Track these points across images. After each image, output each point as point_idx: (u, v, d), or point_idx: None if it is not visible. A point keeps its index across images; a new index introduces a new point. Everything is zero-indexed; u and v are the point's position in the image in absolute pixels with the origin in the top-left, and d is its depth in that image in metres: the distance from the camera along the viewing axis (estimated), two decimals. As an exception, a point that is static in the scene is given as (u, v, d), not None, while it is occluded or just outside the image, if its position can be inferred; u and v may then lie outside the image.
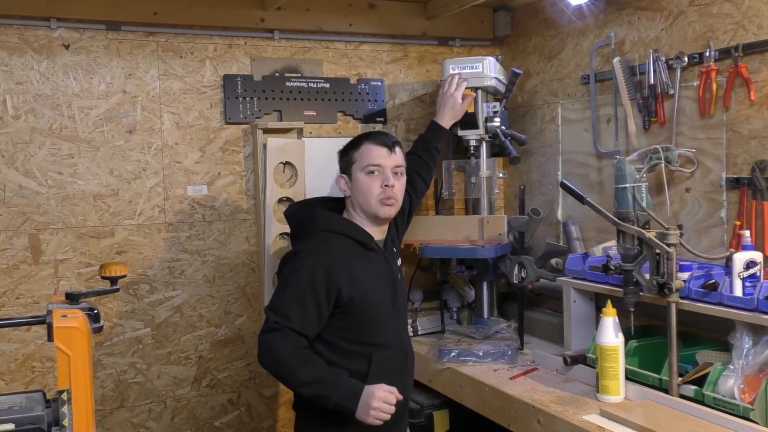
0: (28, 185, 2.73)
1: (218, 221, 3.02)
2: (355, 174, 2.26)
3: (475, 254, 2.90)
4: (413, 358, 2.39)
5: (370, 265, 2.23)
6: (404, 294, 2.43)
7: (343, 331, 2.19)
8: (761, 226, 2.24)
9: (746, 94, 2.27)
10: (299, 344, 2.11)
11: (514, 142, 2.98)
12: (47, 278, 2.76)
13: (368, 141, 2.27)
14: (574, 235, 2.96)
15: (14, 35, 2.69)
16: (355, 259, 2.20)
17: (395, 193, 2.25)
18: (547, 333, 2.99)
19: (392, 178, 2.24)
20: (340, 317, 2.17)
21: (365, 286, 2.19)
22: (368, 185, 2.23)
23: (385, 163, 2.24)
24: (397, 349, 2.28)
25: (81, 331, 1.83)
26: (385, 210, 2.24)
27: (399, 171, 2.29)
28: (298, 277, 2.14)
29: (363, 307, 2.18)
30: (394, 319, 2.29)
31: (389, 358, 2.24)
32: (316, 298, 2.12)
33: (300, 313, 2.12)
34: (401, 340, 2.31)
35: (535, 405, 2.23)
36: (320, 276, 2.12)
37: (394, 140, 2.31)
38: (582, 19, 2.95)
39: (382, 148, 2.25)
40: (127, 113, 2.86)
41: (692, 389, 2.10)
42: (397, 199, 2.27)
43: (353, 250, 2.22)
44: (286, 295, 2.16)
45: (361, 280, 2.18)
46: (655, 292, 2.17)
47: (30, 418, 1.76)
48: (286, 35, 3.10)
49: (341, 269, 2.15)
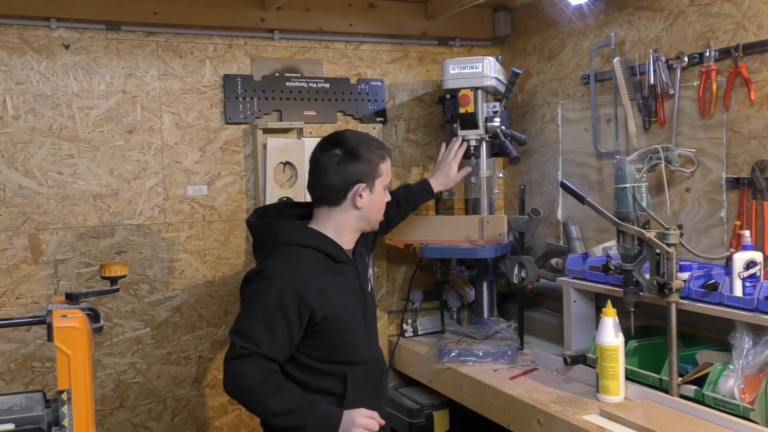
0: (28, 185, 2.73)
1: (218, 221, 3.02)
2: (378, 188, 2.14)
3: (475, 254, 2.90)
4: (387, 372, 2.32)
5: (341, 279, 2.10)
6: (374, 306, 2.31)
7: (315, 350, 2.05)
8: (761, 226, 2.24)
9: (746, 94, 2.27)
10: (270, 370, 1.97)
11: (514, 142, 2.99)
12: (47, 278, 2.76)
13: (387, 155, 2.18)
14: (574, 235, 2.96)
15: (14, 35, 2.69)
16: (325, 274, 2.05)
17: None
18: (547, 333, 2.99)
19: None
20: (312, 337, 2.03)
21: (337, 303, 2.05)
22: (382, 201, 2.20)
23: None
24: (372, 364, 2.17)
25: (81, 331, 1.84)
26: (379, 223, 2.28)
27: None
28: (265, 298, 1.98)
29: (336, 326, 2.05)
30: (366, 333, 2.18)
31: (365, 374, 2.13)
32: (286, 320, 1.97)
33: (269, 338, 1.96)
34: (375, 355, 2.20)
35: (535, 405, 2.23)
36: (290, 297, 1.97)
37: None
38: (582, 19, 2.95)
39: (390, 166, 2.24)
40: (127, 113, 2.86)
41: (692, 389, 2.10)
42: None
43: (323, 264, 2.06)
44: (253, 318, 1.99)
45: (332, 297, 2.04)
46: (655, 292, 2.17)
47: (30, 418, 1.76)
48: (286, 35, 3.10)
49: (312, 287, 2.00)
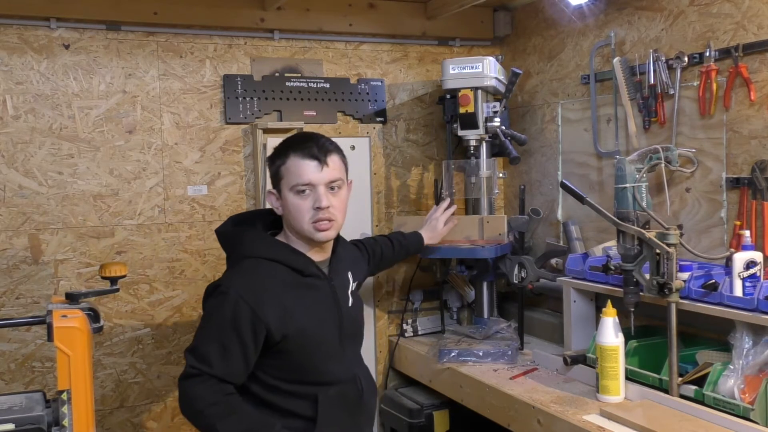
0: (28, 185, 2.73)
1: (218, 221, 3.01)
2: (284, 192, 1.92)
3: (475, 254, 2.90)
4: (373, 391, 2.13)
5: (309, 294, 1.94)
6: (356, 322, 2.10)
7: (280, 370, 1.91)
8: (761, 226, 2.23)
9: (746, 94, 2.27)
10: (221, 392, 1.84)
11: (514, 142, 2.98)
12: (47, 278, 2.76)
13: (295, 153, 1.90)
14: (574, 235, 2.96)
15: (14, 35, 2.69)
16: (288, 289, 1.91)
17: (332, 213, 1.92)
18: (547, 333, 2.99)
19: (325, 198, 1.90)
20: (274, 356, 1.90)
21: (302, 320, 1.90)
22: (298, 207, 1.90)
23: (316, 179, 1.89)
24: (349, 384, 1.99)
25: (81, 331, 1.84)
26: (321, 235, 1.93)
27: (336, 185, 1.93)
28: (219, 315, 1.87)
29: (300, 344, 1.90)
30: (342, 351, 2.00)
31: (340, 395, 1.96)
32: (240, 340, 1.84)
33: (222, 358, 1.84)
34: (353, 374, 2.02)
35: (535, 405, 2.23)
36: (245, 314, 1.84)
37: (327, 148, 1.93)
38: (582, 19, 2.95)
39: (311, 162, 1.89)
40: (127, 113, 2.86)
41: (692, 389, 2.10)
42: (335, 219, 1.94)
43: (287, 278, 1.92)
44: (206, 335, 1.88)
45: (295, 313, 1.89)
46: (655, 292, 2.17)
47: (30, 418, 1.76)
48: (286, 35, 3.10)
49: (270, 305, 1.86)
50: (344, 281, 2.09)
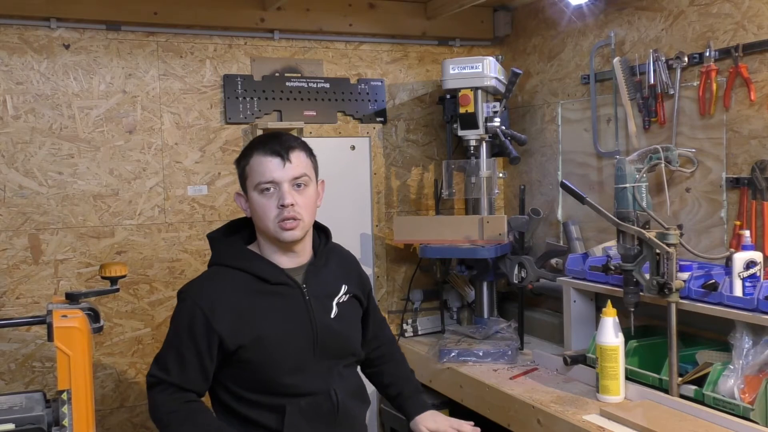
0: (28, 185, 2.73)
1: (218, 221, 3.01)
2: (250, 192, 1.88)
3: (475, 254, 2.90)
4: (359, 405, 2.00)
5: (275, 302, 1.87)
6: (339, 335, 1.94)
7: (244, 381, 1.86)
8: (761, 226, 2.24)
9: (746, 94, 2.27)
10: (180, 399, 1.83)
11: (514, 142, 2.99)
12: (47, 278, 2.76)
13: (258, 151, 1.85)
14: (574, 235, 2.96)
15: (14, 35, 2.69)
16: (249, 298, 1.85)
17: (297, 211, 1.83)
18: (547, 333, 2.99)
19: (289, 195, 1.82)
20: (235, 366, 1.85)
21: (261, 330, 1.83)
22: (263, 206, 1.84)
23: (280, 176, 1.82)
24: (322, 397, 1.88)
25: (81, 331, 1.83)
26: (287, 234, 1.84)
27: (301, 181, 1.85)
28: (177, 322, 1.86)
29: (260, 353, 1.83)
30: (316, 364, 1.89)
31: (312, 408, 1.86)
32: (196, 348, 1.82)
33: (179, 366, 1.83)
34: (328, 387, 1.89)
35: (535, 405, 2.23)
36: (199, 322, 1.81)
37: (290, 144, 1.86)
38: (582, 19, 2.95)
39: (273, 159, 1.83)
40: (127, 113, 2.86)
41: (692, 389, 2.10)
42: (301, 218, 1.85)
43: (251, 286, 1.86)
44: (166, 342, 1.88)
45: (254, 323, 1.83)
46: (655, 292, 2.17)
47: (30, 418, 1.76)
48: (286, 35, 3.10)
49: (224, 314, 1.82)
50: (327, 289, 1.96)
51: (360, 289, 2.07)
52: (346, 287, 2.00)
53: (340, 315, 1.95)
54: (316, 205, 1.93)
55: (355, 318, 2.05)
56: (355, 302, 2.04)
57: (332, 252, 2.05)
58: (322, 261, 1.98)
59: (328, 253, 2.02)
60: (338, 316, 1.95)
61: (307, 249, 1.96)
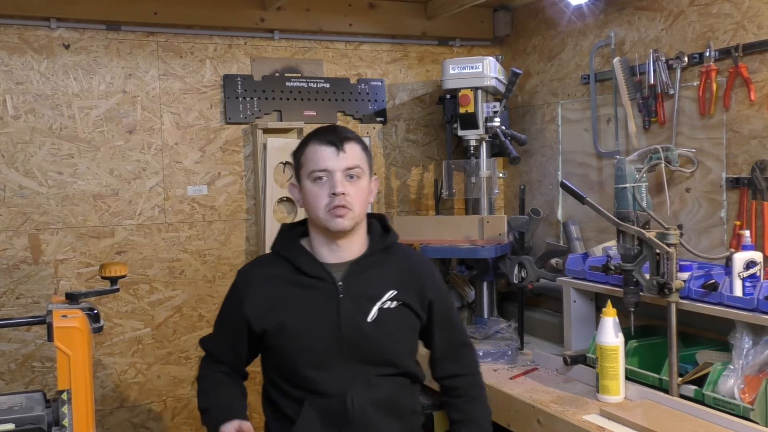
0: (28, 185, 2.73)
1: (218, 221, 3.02)
2: (303, 181, 1.87)
3: (475, 254, 2.90)
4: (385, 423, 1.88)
5: (307, 295, 1.87)
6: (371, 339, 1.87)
7: (274, 367, 1.90)
8: (761, 226, 2.23)
9: (746, 94, 2.27)
10: (215, 368, 1.95)
11: (514, 142, 2.99)
12: (47, 278, 2.76)
13: (313, 140, 1.87)
14: (574, 235, 2.96)
15: (14, 35, 2.69)
16: (282, 286, 1.88)
17: (348, 201, 1.82)
18: (547, 333, 2.99)
19: (340, 184, 1.81)
20: (268, 351, 1.90)
21: (287, 319, 1.85)
22: (315, 194, 1.84)
23: (333, 165, 1.82)
24: (337, 400, 1.83)
25: (81, 331, 1.83)
26: (336, 222, 1.82)
27: (354, 173, 1.84)
28: (226, 297, 1.97)
29: (284, 341, 1.85)
30: (339, 363, 1.85)
31: (326, 409, 1.84)
32: (230, 325, 1.93)
33: (217, 339, 1.97)
34: (345, 391, 1.83)
35: (535, 405, 2.23)
36: (235, 302, 1.91)
37: (345, 136, 1.86)
38: (582, 19, 2.95)
39: (328, 148, 1.83)
40: (127, 113, 2.86)
41: (692, 389, 2.10)
42: (351, 208, 1.83)
43: (287, 276, 1.88)
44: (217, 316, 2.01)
45: (282, 311, 1.85)
46: (655, 292, 2.17)
47: (30, 418, 1.76)
48: (286, 35, 3.10)
49: (256, 298, 1.87)
50: (369, 291, 1.89)
51: (417, 299, 1.93)
52: (394, 293, 1.89)
53: (379, 320, 1.87)
54: (367, 199, 1.90)
55: (403, 328, 1.93)
56: (406, 311, 1.91)
57: (393, 255, 1.96)
58: (371, 261, 1.91)
59: (383, 255, 1.94)
60: (377, 320, 1.87)
61: (355, 246, 1.91)
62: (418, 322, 1.94)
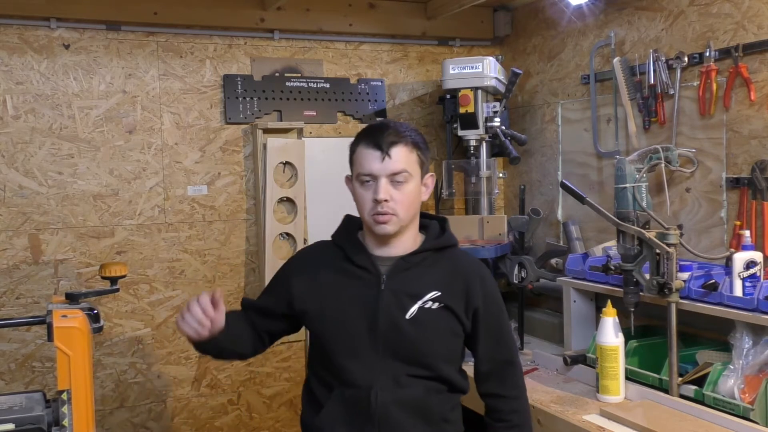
0: (28, 185, 2.73)
1: (218, 221, 3.02)
2: (353, 180, 1.88)
3: (475, 254, 2.89)
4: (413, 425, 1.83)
5: (352, 282, 1.87)
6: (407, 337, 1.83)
7: (315, 356, 1.93)
8: (761, 226, 2.23)
9: (746, 94, 2.27)
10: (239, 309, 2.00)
11: (514, 142, 2.99)
12: (47, 278, 2.76)
13: (362, 142, 1.84)
14: (574, 235, 2.96)
15: (14, 35, 2.69)
16: (330, 271, 1.89)
17: (392, 207, 1.80)
18: (547, 333, 2.99)
19: (384, 190, 1.79)
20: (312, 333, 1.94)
21: (328, 300, 1.86)
22: (361, 197, 1.84)
23: (378, 170, 1.79)
24: (362, 392, 1.81)
25: (81, 331, 1.84)
26: (379, 228, 1.81)
27: (401, 177, 1.81)
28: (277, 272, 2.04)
29: (321, 325, 1.87)
30: (371, 356, 1.83)
31: (352, 400, 1.83)
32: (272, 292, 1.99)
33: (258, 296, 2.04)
34: (371, 385, 1.81)
35: (535, 405, 2.23)
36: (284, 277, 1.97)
37: (392, 139, 1.81)
38: (582, 19, 2.95)
39: (375, 152, 1.80)
40: (127, 113, 2.86)
41: (692, 389, 2.10)
42: (396, 213, 1.80)
43: (336, 262, 1.90)
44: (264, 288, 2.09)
45: (325, 295, 1.87)
46: (655, 292, 2.17)
47: (30, 418, 1.76)
48: (286, 35, 3.10)
49: (304, 277, 1.91)
50: (413, 288, 1.85)
51: (462, 304, 1.87)
52: (437, 294, 1.85)
53: (418, 319, 1.83)
54: (417, 201, 1.87)
55: (442, 330, 1.87)
56: (448, 315, 1.86)
57: (446, 257, 1.93)
58: (419, 259, 1.88)
59: (435, 255, 1.91)
60: (415, 319, 1.83)
61: (406, 243, 1.89)
62: (460, 327, 1.88)
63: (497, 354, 1.91)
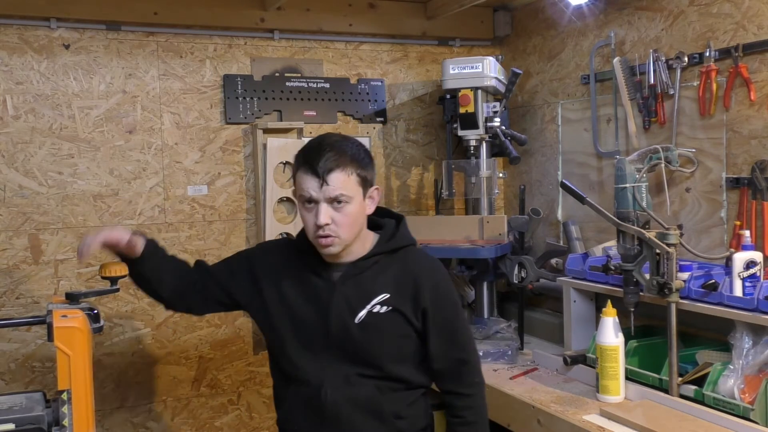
0: (28, 185, 2.73)
1: (218, 221, 3.02)
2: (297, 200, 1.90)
3: (475, 254, 2.90)
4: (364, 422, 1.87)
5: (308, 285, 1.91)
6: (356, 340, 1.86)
7: (272, 347, 1.99)
8: (761, 226, 2.24)
9: (746, 94, 2.27)
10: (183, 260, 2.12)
11: (514, 142, 2.99)
12: (47, 278, 2.76)
13: (302, 166, 1.82)
14: (574, 235, 2.96)
15: (14, 35, 2.69)
16: (293, 270, 1.94)
17: (333, 229, 1.80)
18: (547, 333, 2.99)
19: (324, 215, 1.78)
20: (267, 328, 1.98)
21: (291, 292, 1.91)
22: (304, 218, 1.85)
23: (317, 196, 1.79)
24: (313, 390, 1.86)
25: (81, 331, 1.83)
26: (323, 250, 1.84)
27: (341, 199, 1.79)
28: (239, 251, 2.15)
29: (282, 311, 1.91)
30: (328, 355, 1.87)
31: (304, 396, 1.89)
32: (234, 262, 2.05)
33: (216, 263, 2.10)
34: (321, 382, 1.85)
35: (535, 405, 2.23)
36: (246, 253, 2.08)
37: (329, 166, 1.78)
38: (582, 19, 2.95)
39: (312, 179, 1.79)
40: (127, 113, 2.86)
41: (692, 389, 2.10)
42: (338, 236, 1.81)
43: (297, 262, 1.94)
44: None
45: (287, 284, 1.92)
46: (655, 292, 2.17)
47: (30, 418, 1.76)
48: (286, 35, 3.10)
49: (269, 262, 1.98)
50: (362, 293, 1.88)
51: (411, 306, 1.88)
52: (386, 296, 1.87)
53: (366, 323, 1.86)
54: (360, 218, 1.86)
55: (391, 333, 1.88)
56: (397, 317, 1.87)
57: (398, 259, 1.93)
58: (370, 263, 1.90)
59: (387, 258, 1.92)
60: (364, 323, 1.86)
61: (356, 251, 1.90)
62: (410, 329, 1.89)
63: (450, 353, 1.92)
